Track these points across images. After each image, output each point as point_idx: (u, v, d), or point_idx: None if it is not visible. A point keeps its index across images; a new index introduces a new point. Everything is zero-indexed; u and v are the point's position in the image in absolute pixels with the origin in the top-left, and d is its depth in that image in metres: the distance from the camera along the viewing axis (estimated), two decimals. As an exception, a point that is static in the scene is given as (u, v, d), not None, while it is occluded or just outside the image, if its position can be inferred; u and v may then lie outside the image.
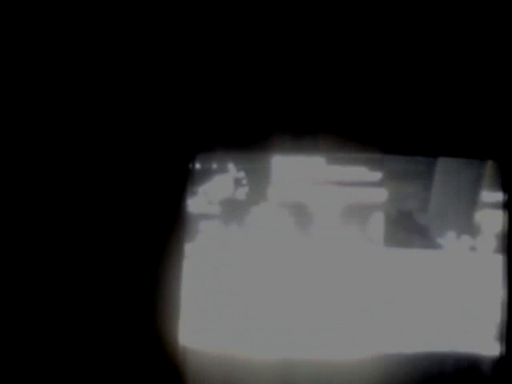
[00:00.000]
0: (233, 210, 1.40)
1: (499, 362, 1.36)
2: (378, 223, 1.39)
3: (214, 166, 1.42)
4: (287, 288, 1.39)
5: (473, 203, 1.38)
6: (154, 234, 1.38)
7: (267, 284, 1.40)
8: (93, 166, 1.40)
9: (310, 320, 1.38)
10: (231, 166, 1.41)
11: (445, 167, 1.39)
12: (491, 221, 1.38)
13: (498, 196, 1.38)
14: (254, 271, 1.40)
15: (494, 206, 1.38)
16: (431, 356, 1.36)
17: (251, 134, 1.41)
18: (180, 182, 1.40)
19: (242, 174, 1.41)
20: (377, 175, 1.40)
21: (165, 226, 1.38)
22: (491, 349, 1.37)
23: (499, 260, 1.37)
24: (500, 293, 1.37)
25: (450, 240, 1.38)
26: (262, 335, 1.38)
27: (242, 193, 1.41)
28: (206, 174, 1.41)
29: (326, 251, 1.39)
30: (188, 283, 1.40)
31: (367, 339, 1.38)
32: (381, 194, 1.39)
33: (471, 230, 1.38)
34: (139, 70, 1.42)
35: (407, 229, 1.39)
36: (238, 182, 1.41)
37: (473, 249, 1.38)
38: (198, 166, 1.41)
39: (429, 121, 1.40)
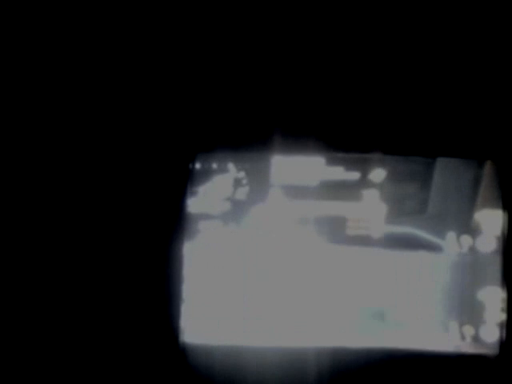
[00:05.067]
0: (233, 209, 1.40)
1: (499, 362, 1.36)
2: (377, 223, 1.39)
3: (214, 165, 1.41)
4: (287, 286, 1.39)
5: (473, 203, 1.38)
6: (153, 234, 1.38)
7: (267, 282, 1.40)
8: (92, 166, 1.40)
9: (310, 316, 1.39)
10: (231, 166, 1.41)
11: (444, 167, 1.39)
12: (491, 221, 1.38)
13: (498, 196, 1.38)
14: (254, 270, 1.40)
15: (493, 205, 1.38)
16: (430, 355, 1.36)
17: (251, 134, 1.41)
18: (180, 182, 1.40)
19: (241, 174, 1.41)
20: (377, 175, 1.40)
21: (164, 226, 1.38)
22: (491, 349, 1.37)
23: (499, 260, 1.37)
24: (500, 293, 1.37)
25: (449, 240, 1.38)
26: (261, 331, 1.38)
27: (241, 193, 1.41)
28: (206, 173, 1.41)
29: (325, 251, 1.39)
30: (188, 283, 1.40)
31: (366, 338, 1.38)
32: (380, 194, 1.40)
33: (471, 230, 1.38)
34: (139, 69, 1.42)
35: (406, 229, 1.39)
36: (237, 182, 1.41)
37: (473, 249, 1.38)
38: (197, 165, 1.41)
39: (428, 121, 1.41)
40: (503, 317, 1.37)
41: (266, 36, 1.40)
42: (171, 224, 1.38)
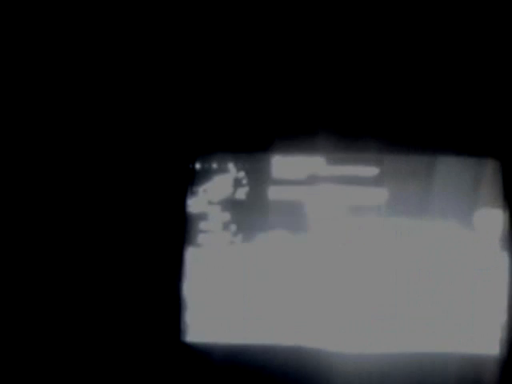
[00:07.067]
0: (233, 210, 1.41)
1: (501, 362, 1.36)
2: (377, 224, 1.39)
3: (214, 165, 1.42)
4: (288, 285, 1.40)
5: (473, 203, 1.38)
6: (154, 234, 1.39)
7: (269, 281, 1.40)
8: (92, 166, 1.41)
9: (312, 316, 1.39)
10: (231, 166, 1.42)
11: (445, 167, 1.38)
12: (492, 219, 1.38)
13: (499, 195, 1.37)
14: (254, 270, 1.40)
15: (495, 204, 1.38)
16: (431, 356, 1.36)
17: (251, 134, 1.41)
18: (180, 182, 1.40)
19: (241, 174, 1.41)
20: (377, 175, 1.39)
21: (165, 226, 1.39)
22: (492, 349, 1.36)
23: (499, 260, 1.37)
24: (501, 292, 1.36)
25: (450, 240, 1.38)
26: (263, 330, 1.39)
27: (241, 193, 1.41)
28: (206, 174, 1.42)
29: (325, 251, 1.40)
30: (188, 283, 1.41)
31: (367, 337, 1.39)
32: (380, 194, 1.39)
33: (471, 229, 1.37)
34: (140, 70, 1.42)
35: (406, 229, 1.39)
36: (237, 182, 1.41)
37: (473, 249, 1.37)
38: (197, 166, 1.42)
39: (428, 119, 1.40)
40: (504, 316, 1.36)
41: (266, 38, 1.40)
42: (172, 224, 1.39)
